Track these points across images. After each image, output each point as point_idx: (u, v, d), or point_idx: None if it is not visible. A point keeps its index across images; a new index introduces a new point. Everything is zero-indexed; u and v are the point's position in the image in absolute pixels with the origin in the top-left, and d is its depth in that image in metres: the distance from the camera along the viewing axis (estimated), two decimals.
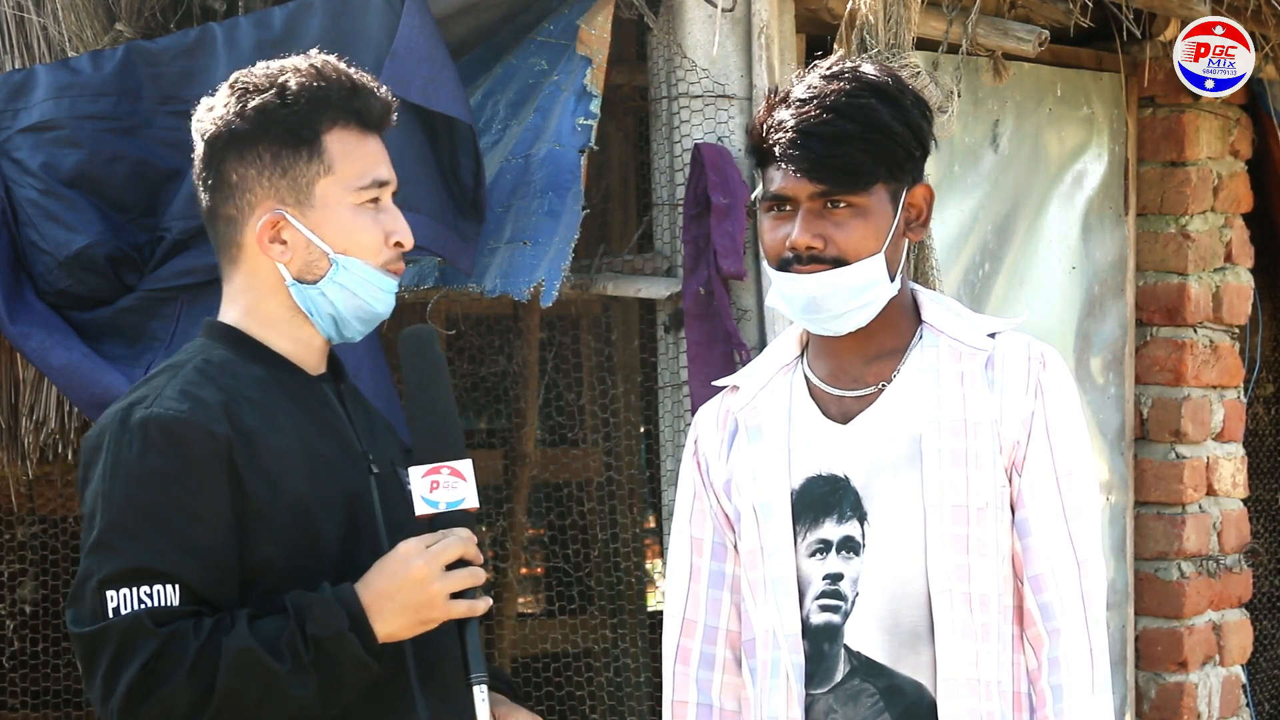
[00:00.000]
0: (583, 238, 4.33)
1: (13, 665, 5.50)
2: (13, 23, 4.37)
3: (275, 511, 2.79)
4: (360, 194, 2.90)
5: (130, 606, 2.71)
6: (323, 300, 2.90)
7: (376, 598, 2.74)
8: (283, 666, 2.70)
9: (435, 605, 2.75)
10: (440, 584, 2.74)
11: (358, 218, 2.90)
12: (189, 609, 2.73)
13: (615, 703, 5.97)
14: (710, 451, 3.17)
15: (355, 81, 2.92)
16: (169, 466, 2.76)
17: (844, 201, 2.98)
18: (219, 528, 2.76)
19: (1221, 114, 5.94)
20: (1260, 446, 6.91)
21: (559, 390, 6.04)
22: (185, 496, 2.76)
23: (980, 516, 2.98)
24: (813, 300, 2.99)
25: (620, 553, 5.99)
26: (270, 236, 2.89)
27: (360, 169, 2.90)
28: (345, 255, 2.89)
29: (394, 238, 2.92)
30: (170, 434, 2.77)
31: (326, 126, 2.89)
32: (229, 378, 2.86)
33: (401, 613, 2.74)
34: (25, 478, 4.65)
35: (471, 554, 2.77)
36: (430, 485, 2.78)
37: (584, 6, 4.52)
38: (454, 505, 2.79)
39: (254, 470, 2.79)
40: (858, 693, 3.01)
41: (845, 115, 2.97)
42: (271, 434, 2.82)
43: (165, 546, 2.74)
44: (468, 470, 2.80)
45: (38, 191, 4.08)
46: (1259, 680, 6.73)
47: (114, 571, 2.73)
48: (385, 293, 2.92)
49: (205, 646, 2.70)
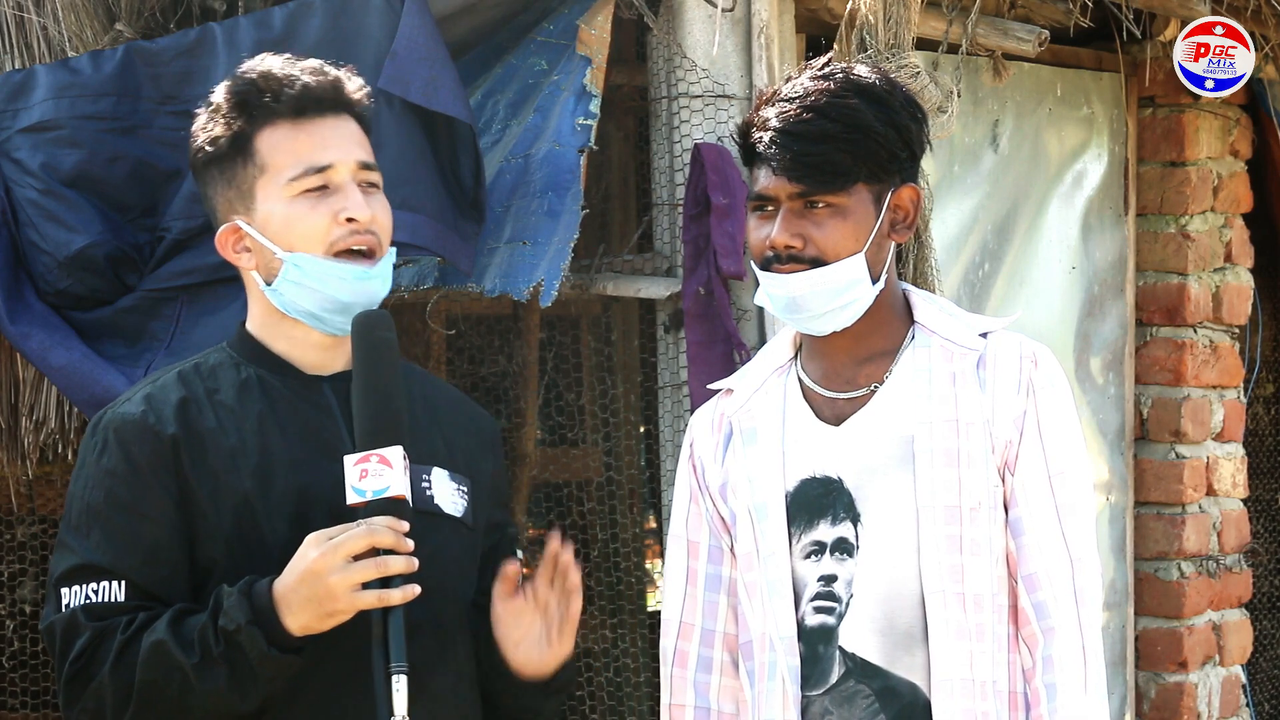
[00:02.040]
0: (583, 238, 4.33)
1: (13, 665, 5.50)
2: (13, 23, 4.37)
3: (218, 510, 2.81)
4: (293, 185, 2.87)
5: (76, 602, 2.78)
6: (287, 299, 2.90)
7: (284, 591, 2.72)
8: (190, 659, 2.72)
9: (337, 597, 2.70)
10: (340, 575, 2.69)
11: (293, 208, 2.87)
12: (133, 604, 2.78)
13: (615, 703, 5.96)
14: (705, 455, 3.17)
15: (278, 75, 2.90)
16: (118, 467, 2.82)
17: (823, 201, 2.98)
18: (163, 526, 2.80)
19: (1221, 114, 5.94)
20: (1260, 446, 6.90)
21: (559, 390, 6.04)
22: (131, 496, 2.81)
23: (973, 516, 2.98)
24: (793, 300, 3.00)
25: (620, 553, 5.99)
26: (235, 247, 2.92)
27: (291, 160, 2.88)
28: (292, 251, 2.87)
29: (343, 214, 2.87)
30: (120, 435, 2.84)
31: (256, 128, 2.89)
32: (209, 380, 2.90)
33: (305, 605, 2.71)
34: (25, 478, 4.65)
35: (386, 542, 2.70)
36: (360, 474, 2.74)
37: (584, 6, 4.52)
38: (380, 493, 2.73)
39: (200, 470, 2.82)
40: (853, 694, 3.01)
41: (826, 115, 2.97)
42: (228, 435, 2.85)
43: (110, 545, 2.79)
44: (396, 457, 2.74)
45: (38, 191, 4.08)
46: (1259, 680, 6.73)
47: (66, 569, 2.81)
48: (348, 280, 2.88)
49: (129, 641, 2.75)
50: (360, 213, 2.88)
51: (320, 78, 2.92)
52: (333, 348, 2.95)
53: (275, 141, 2.89)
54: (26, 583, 5.59)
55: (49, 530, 5.53)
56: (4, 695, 5.49)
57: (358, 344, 2.82)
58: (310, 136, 2.89)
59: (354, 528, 2.72)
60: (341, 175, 2.89)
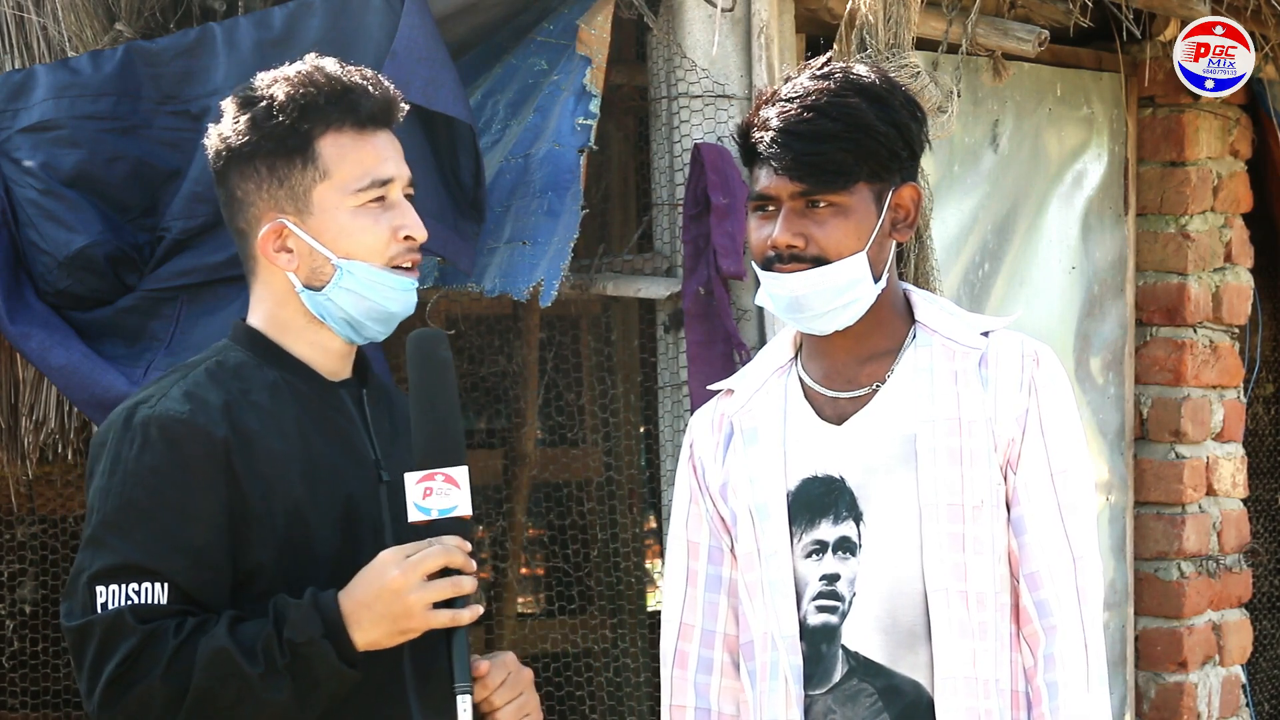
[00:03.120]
0: (583, 238, 4.33)
1: (13, 665, 5.50)
2: (13, 23, 4.37)
3: (269, 515, 2.79)
4: (359, 195, 2.88)
5: (117, 603, 2.73)
6: (332, 305, 2.89)
7: (355, 606, 2.72)
8: (256, 669, 2.69)
9: (413, 615, 2.71)
10: (418, 594, 2.71)
11: (357, 219, 2.88)
12: (176, 608, 2.74)
13: (615, 703, 5.97)
14: (706, 455, 3.17)
15: (346, 82, 2.90)
16: (165, 466, 2.77)
17: (825, 200, 2.98)
18: (211, 529, 2.77)
19: (1221, 114, 5.94)
20: (1260, 446, 6.91)
21: (559, 390, 6.04)
22: (179, 496, 2.77)
23: (976, 514, 2.98)
24: (795, 299, 3.00)
25: (620, 553, 5.99)
26: (275, 246, 2.90)
27: (358, 171, 2.88)
28: (349, 259, 2.87)
29: (402, 232, 2.89)
30: (169, 434, 2.78)
31: (319, 132, 2.88)
32: (239, 380, 2.87)
33: (379, 622, 2.72)
34: (25, 478, 4.65)
35: (457, 562, 2.73)
36: (424, 491, 2.75)
37: (584, 6, 4.52)
38: (446, 512, 2.75)
39: (251, 473, 2.79)
40: (856, 693, 3.01)
41: (827, 114, 2.97)
42: (273, 438, 2.82)
43: (156, 545, 2.75)
44: (462, 477, 2.76)
45: (38, 191, 4.08)
46: (1259, 680, 6.73)
47: (104, 567, 2.75)
48: (399, 291, 2.90)
49: (183, 646, 2.71)
50: (418, 232, 2.91)
51: (381, 90, 2.93)
52: (345, 355, 2.96)
53: (341, 150, 2.88)
54: (26, 583, 5.59)
55: (49, 530, 5.54)
56: (4, 695, 5.49)
57: (419, 362, 2.82)
58: (374, 149, 2.90)
59: (428, 546, 2.73)
60: (397, 191, 2.91)
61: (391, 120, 2.95)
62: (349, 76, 2.92)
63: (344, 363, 2.96)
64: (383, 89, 2.94)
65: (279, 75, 2.91)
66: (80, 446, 4.36)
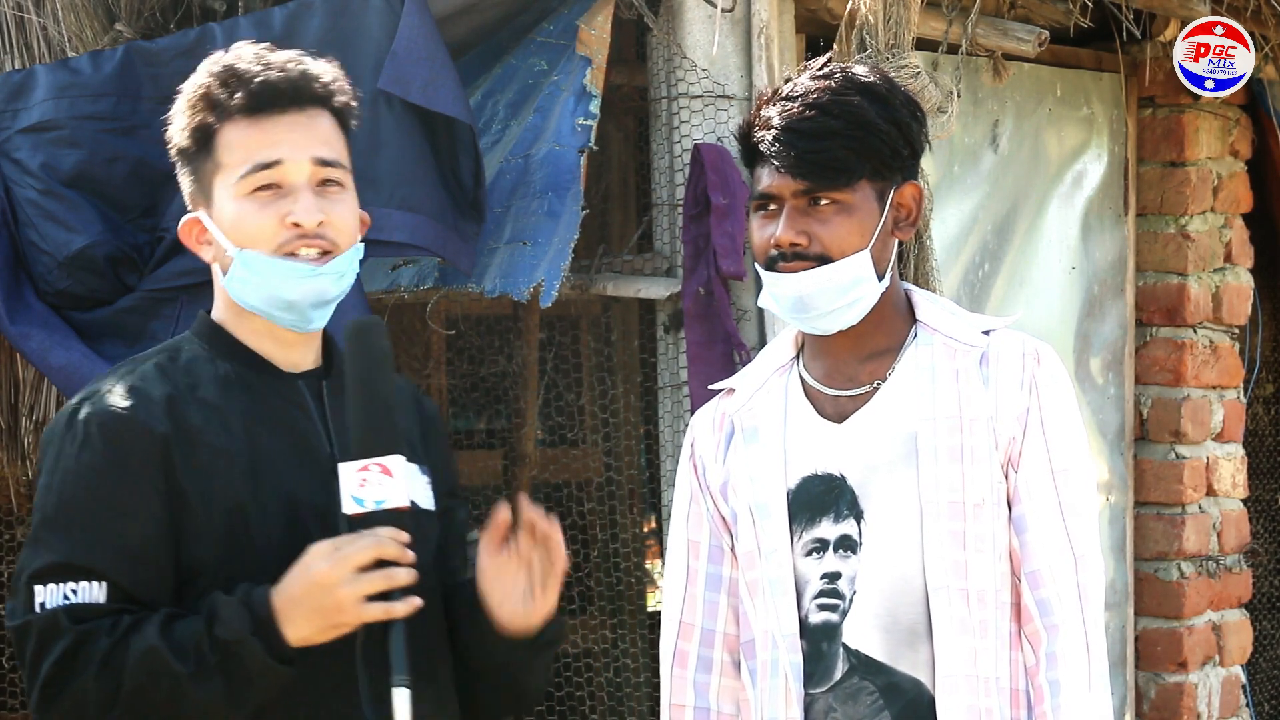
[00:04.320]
0: (583, 238, 4.33)
1: (12, 665, 5.49)
2: (13, 23, 4.37)
3: (209, 511, 2.75)
4: (244, 183, 2.81)
5: (54, 602, 2.70)
6: (236, 293, 2.85)
7: (286, 602, 2.67)
8: (186, 668, 2.66)
9: (344, 609, 2.66)
10: (348, 588, 2.65)
11: (242, 207, 2.81)
12: (115, 606, 2.71)
13: (615, 703, 5.97)
14: (707, 454, 3.17)
15: (238, 70, 2.83)
16: (104, 463, 2.74)
17: (828, 198, 2.98)
18: (151, 526, 2.73)
19: (1221, 114, 5.94)
20: (1260, 446, 6.91)
21: (559, 390, 6.04)
22: (117, 494, 2.73)
23: (977, 512, 2.98)
24: (800, 298, 3.00)
25: (620, 553, 5.99)
26: (196, 239, 2.88)
27: (241, 157, 2.81)
28: (243, 249, 2.81)
29: (289, 218, 2.80)
30: (107, 431, 2.75)
31: (218, 123, 2.83)
32: (187, 375, 2.83)
33: (311, 617, 2.67)
34: (25, 478, 4.65)
35: (391, 554, 2.66)
36: (360, 482, 2.69)
37: (584, 6, 4.52)
38: (380, 504, 2.69)
39: (190, 469, 2.75)
40: (857, 691, 3.01)
41: (829, 112, 2.98)
42: (216, 433, 2.78)
43: (94, 544, 2.72)
44: (397, 467, 2.70)
45: (37, 192, 4.08)
46: (1259, 680, 6.73)
47: (42, 566, 2.72)
48: (295, 279, 2.80)
49: (116, 645, 2.68)
50: (305, 218, 2.80)
51: (284, 72, 2.84)
52: (300, 344, 2.89)
53: (231, 138, 2.82)
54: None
55: None
56: (4, 695, 5.48)
57: (355, 351, 2.77)
58: (264, 133, 2.82)
59: (359, 539, 2.68)
60: (293, 175, 2.82)
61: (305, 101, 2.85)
62: (250, 63, 2.84)
63: (302, 352, 2.89)
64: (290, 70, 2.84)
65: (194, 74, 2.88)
66: None
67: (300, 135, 2.83)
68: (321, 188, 2.83)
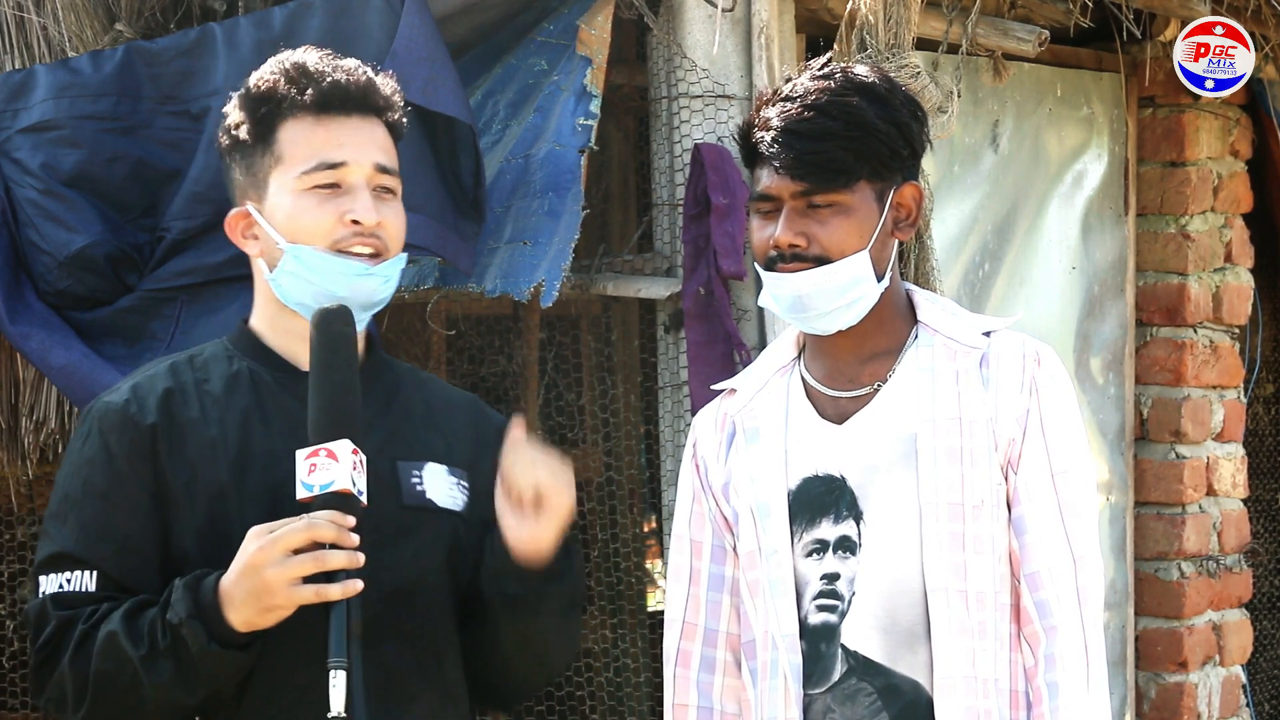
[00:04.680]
0: (583, 238, 4.33)
1: (13, 665, 5.50)
2: (13, 23, 4.37)
3: (191, 501, 2.81)
4: (305, 179, 2.87)
5: (50, 591, 2.81)
6: (283, 289, 2.90)
7: (227, 586, 2.71)
8: (138, 651, 2.72)
9: (274, 591, 2.68)
10: (277, 569, 2.67)
11: (301, 202, 2.87)
12: (104, 595, 2.79)
13: (615, 703, 5.96)
14: (709, 454, 3.17)
15: (308, 69, 2.91)
16: (98, 456, 2.84)
17: (827, 200, 2.99)
18: (137, 516, 2.81)
19: (1221, 114, 5.94)
20: (1260, 446, 6.91)
21: (559, 390, 6.03)
22: (106, 485, 2.82)
23: (976, 514, 2.98)
24: (798, 299, 3.00)
25: (620, 553, 5.99)
26: (243, 232, 2.94)
27: (306, 154, 2.88)
28: (295, 244, 2.87)
29: (349, 215, 2.86)
30: (103, 424, 2.85)
31: (281, 120, 2.90)
32: (200, 371, 2.91)
33: (247, 600, 2.69)
34: (25, 478, 4.65)
35: (327, 537, 2.67)
36: (309, 468, 2.71)
37: (584, 6, 4.52)
38: (325, 488, 2.70)
39: (176, 459, 2.82)
40: (855, 692, 3.01)
41: (827, 113, 2.98)
42: (209, 426, 2.85)
43: (84, 534, 2.81)
44: (342, 451, 2.71)
45: (38, 191, 4.08)
46: (1259, 680, 6.73)
47: (44, 556, 2.84)
48: (347, 276, 2.86)
49: (89, 632, 2.76)
50: (366, 216, 2.87)
51: (351, 77, 2.92)
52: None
53: (295, 134, 2.89)
54: (27, 583, 5.58)
55: None
56: (4, 695, 5.49)
57: (315, 337, 2.79)
58: (329, 133, 2.89)
59: (293, 522, 2.70)
60: (354, 176, 2.89)
61: (366, 108, 2.93)
62: (318, 64, 2.92)
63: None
64: (356, 76, 2.93)
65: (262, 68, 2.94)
66: None
67: (364, 139, 2.91)
68: (377, 193, 2.90)
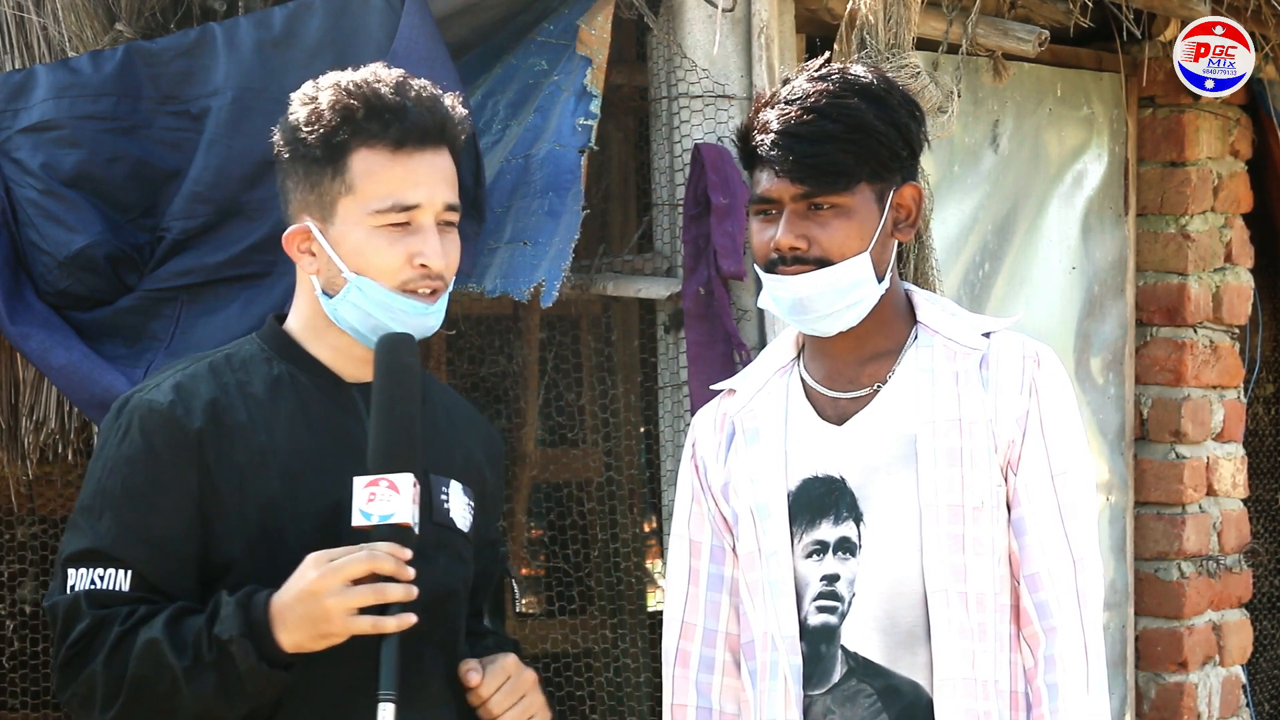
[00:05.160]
0: (583, 238, 4.32)
1: (13, 665, 5.50)
2: (13, 23, 4.36)
3: (241, 508, 2.81)
4: (379, 216, 2.85)
5: (82, 586, 2.79)
6: (339, 314, 2.90)
7: (281, 607, 2.71)
8: (182, 662, 2.71)
9: (331, 619, 2.69)
10: (337, 599, 2.68)
11: (373, 239, 2.85)
12: (137, 595, 2.78)
13: (615, 703, 5.96)
14: (708, 455, 3.17)
15: (388, 99, 2.86)
16: (139, 455, 2.82)
17: (827, 202, 2.98)
18: (178, 520, 2.80)
19: (1221, 114, 5.94)
20: (1260, 446, 6.91)
21: (559, 390, 6.03)
22: (147, 486, 2.80)
23: (976, 515, 2.98)
24: (799, 301, 3.00)
25: (620, 553, 5.99)
26: (300, 247, 2.91)
27: (382, 191, 2.85)
28: (361, 275, 2.86)
29: (418, 259, 2.85)
30: (145, 424, 2.83)
31: (354, 146, 2.85)
32: (241, 373, 2.89)
33: (301, 624, 2.70)
34: (25, 478, 4.65)
35: (386, 569, 2.69)
36: (368, 497, 2.72)
37: (584, 6, 4.51)
38: (385, 519, 2.72)
39: (226, 466, 2.81)
40: (855, 693, 3.01)
41: (827, 115, 2.98)
42: (258, 432, 2.84)
43: (121, 533, 2.79)
44: (405, 485, 2.73)
45: (38, 191, 4.08)
46: (1259, 680, 6.73)
47: (75, 550, 2.81)
48: (408, 315, 2.86)
49: (126, 635, 2.75)
50: (435, 261, 2.86)
51: (429, 110, 2.88)
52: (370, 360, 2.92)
53: (370, 166, 2.85)
54: (26, 583, 5.59)
55: (49, 530, 5.53)
56: (4, 695, 5.49)
57: (381, 366, 2.80)
58: (405, 171, 2.86)
59: (355, 551, 2.71)
60: (425, 216, 2.87)
61: (441, 142, 2.89)
62: (395, 93, 2.87)
63: (366, 366, 2.90)
64: (433, 109, 2.89)
65: (336, 79, 2.90)
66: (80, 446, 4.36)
67: (437, 177, 2.88)
68: (442, 228, 2.90)
